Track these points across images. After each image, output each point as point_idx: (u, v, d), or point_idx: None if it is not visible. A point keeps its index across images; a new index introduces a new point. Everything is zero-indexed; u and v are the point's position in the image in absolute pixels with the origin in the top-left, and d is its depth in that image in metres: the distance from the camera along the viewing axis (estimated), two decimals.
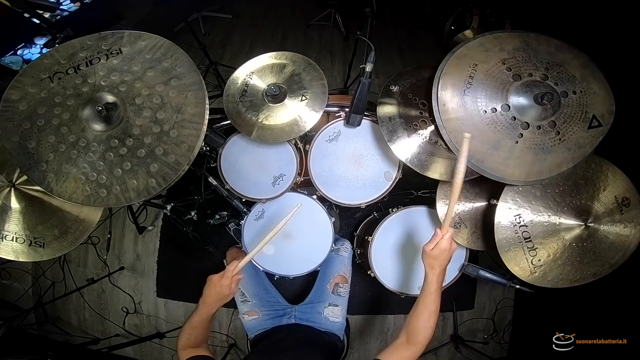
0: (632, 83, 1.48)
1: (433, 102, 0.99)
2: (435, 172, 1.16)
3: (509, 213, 1.08)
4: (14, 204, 1.11)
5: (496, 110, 0.97)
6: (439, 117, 0.99)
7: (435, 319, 0.89)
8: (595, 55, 1.02)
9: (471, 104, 0.97)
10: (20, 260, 1.10)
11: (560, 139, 0.96)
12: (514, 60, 1.00)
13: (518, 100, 0.96)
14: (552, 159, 0.97)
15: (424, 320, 0.88)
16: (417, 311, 0.90)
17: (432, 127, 1.16)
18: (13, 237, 1.10)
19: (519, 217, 1.08)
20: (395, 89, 1.19)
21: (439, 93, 0.99)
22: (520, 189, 1.08)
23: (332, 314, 1.37)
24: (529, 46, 1.02)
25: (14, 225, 1.11)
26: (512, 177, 0.97)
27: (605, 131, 0.98)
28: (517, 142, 0.96)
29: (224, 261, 1.57)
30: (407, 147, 1.14)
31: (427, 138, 1.16)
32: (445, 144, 1.13)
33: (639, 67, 1.63)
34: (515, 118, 0.96)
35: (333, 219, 1.48)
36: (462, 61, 1.00)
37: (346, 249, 1.58)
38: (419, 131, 1.16)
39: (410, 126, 1.16)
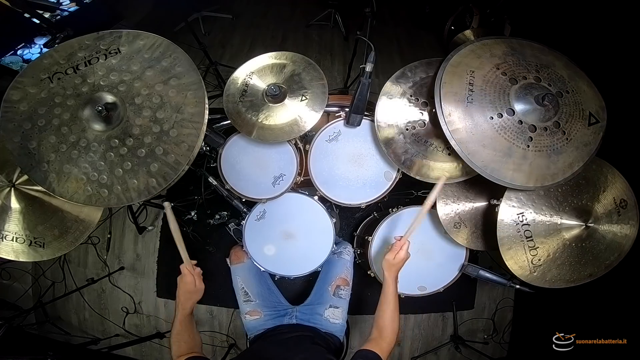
0: (626, 86, 1.48)
1: (438, 114, 0.98)
2: (428, 174, 1.16)
3: (512, 211, 1.08)
4: (14, 204, 1.11)
5: (502, 115, 0.96)
6: (446, 128, 0.97)
7: (397, 314, 1.03)
8: (594, 55, 1.02)
9: (477, 111, 0.97)
10: (21, 260, 1.10)
11: (567, 139, 0.97)
12: (506, 65, 1.00)
13: (520, 103, 0.96)
14: (563, 160, 0.97)
15: (389, 317, 1.01)
16: (382, 311, 1.03)
17: (430, 128, 1.16)
18: (13, 237, 1.10)
19: (522, 216, 1.08)
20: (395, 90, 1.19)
21: (442, 103, 0.98)
22: None
23: (333, 315, 1.37)
24: (516, 50, 1.03)
25: (14, 225, 1.11)
26: (529, 183, 0.97)
27: (603, 127, 0.98)
28: (529, 146, 0.95)
29: (227, 260, 1.57)
30: (400, 146, 1.15)
31: (423, 140, 1.16)
32: (444, 148, 1.13)
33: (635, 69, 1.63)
34: (521, 122, 0.96)
35: (334, 220, 1.48)
36: (459, 69, 1.00)
37: (349, 253, 1.57)
38: (414, 131, 1.16)
39: (406, 126, 1.16)
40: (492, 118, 0.96)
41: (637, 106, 1.49)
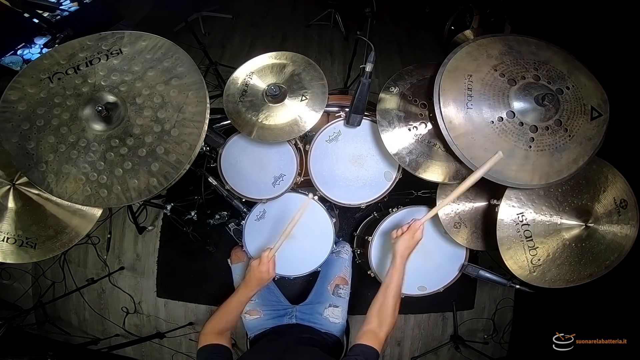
0: (626, 86, 1.48)
1: (439, 121, 0.98)
2: (432, 174, 1.16)
3: (512, 211, 1.08)
4: (11, 203, 1.10)
5: (503, 118, 0.96)
6: (447, 134, 0.97)
7: (399, 301, 0.98)
8: (595, 53, 1.02)
9: (477, 116, 0.97)
10: (8, 262, 1.07)
11: (569, 136, 0.96)
12: (504, 65, 0.99)
13: (520, 105, 0.96)
14: (567, 156, 0.97)
15: (393, 305, 0.96)
16: (385, 299, 0.97)
17: (430, 128, 1.16)
18: (4, 237, 1.08)
19: (522, 216, 1.08)
20: (394, 90, 1.19)
21: (442, 110, 0.97)
22: None
23: (332, 314, 1.37)
24: (513, 48, 1.02)
25: (6, 225, 1.09)
26: (534, 181, 0.97)
27: (606, 119, 0.98)
28: (531, 146, 0.95)
29: (228, 260, 1.57)
30: (401, 143, 1.15)
31: (426, 140, 1.15)
32: (444, 148, 1.13)
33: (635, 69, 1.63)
34: (522, 123, 0.96)
35: (334, 220, 1.47)
36: (456, 74, 1.00)
37: (347, 252, 1.58)
38: (417, 132, 1.16)
39: (408, 127, 1.16)
40: (493, 122, 0.96)
41: (637, 105, 1.49)
